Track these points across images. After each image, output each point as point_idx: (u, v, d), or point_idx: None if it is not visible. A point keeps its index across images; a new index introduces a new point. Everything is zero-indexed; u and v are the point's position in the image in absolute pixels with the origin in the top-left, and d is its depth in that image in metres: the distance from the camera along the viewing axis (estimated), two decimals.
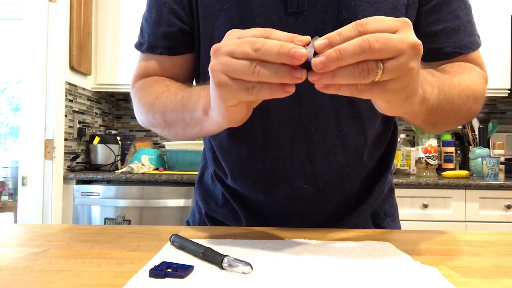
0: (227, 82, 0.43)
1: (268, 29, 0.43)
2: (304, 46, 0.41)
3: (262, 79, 0.41)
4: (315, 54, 0.40)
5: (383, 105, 0.47)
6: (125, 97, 2.79)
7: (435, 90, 0.52)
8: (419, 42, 0.42)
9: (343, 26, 0.60)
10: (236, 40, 0.43)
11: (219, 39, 0.67)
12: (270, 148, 0.66)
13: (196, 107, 0.55)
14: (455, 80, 0.58)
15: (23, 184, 2.07)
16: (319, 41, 0.40)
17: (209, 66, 0.45)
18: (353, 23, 0.41)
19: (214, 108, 0.49)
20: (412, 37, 0.41)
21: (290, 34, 0.42)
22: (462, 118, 0.63)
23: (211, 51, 0.45)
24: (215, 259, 0.43)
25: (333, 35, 0.40)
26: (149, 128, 0.71)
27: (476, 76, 0.65)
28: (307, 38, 0.42)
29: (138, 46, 0.75)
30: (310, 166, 0.66)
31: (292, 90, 0.42)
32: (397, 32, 0.41)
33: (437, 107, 0.53)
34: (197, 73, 0.75)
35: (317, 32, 0.63)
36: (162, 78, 0.72)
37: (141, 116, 0.70)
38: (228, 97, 0.45)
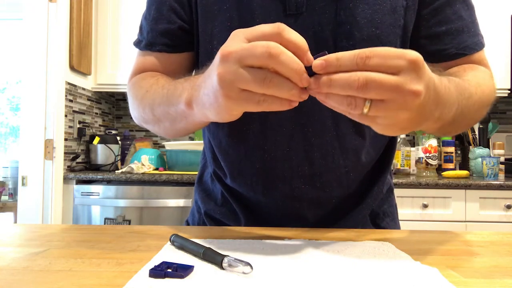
0: (236, 94, 0.42)
1: (279, 26, 0.41)
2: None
3: (272, 93, 0.41)
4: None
5: (379, 130, 0.46)
6: (125, 97, 2.78)
7: (453, 108, 0.51)
8: (420, 90, 0.40)
9: (341, 28, 0.60)
10: (246, 44, 0.41)
11: (217, 39, 0.67)
12: (269, 149, 0.67)
13: (180, 101, 0.54)
14: (473, 88, 0.57)
15: (23, 184, 2.07)
16: (317, 61, 0.41)
17: (218, 73, 0.42)
18: (357, 53, 0.40)
19: (210, 109, 0.47)
20: (413, 85, 0.39)
21: (303, 42, 0.41)
22: (473, 124, 0.64)
23: (220, 55, 0.42)
24: (215, 259, 0.43)
25: (332, 58, 0.40)
26: (141, 124, 0.71)
27: (489, 79, 0.64)
28: (312, 59, 0.42)
29: (137, 43, 0.75)
30: (308, 166, 0.66)
31: (296, 104, 0.43)
32: (399, 74, 0.39)
33: (451, 122, 0.53)
34: (195, 72, 0.74)
35: (315, 33, 0.63)
36: (154, 72, 0.71)
37: (134, 111, 0.70)
38: (236, 108, 0.44)
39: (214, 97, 0.45)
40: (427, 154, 2.23)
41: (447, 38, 0.67)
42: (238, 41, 0.42)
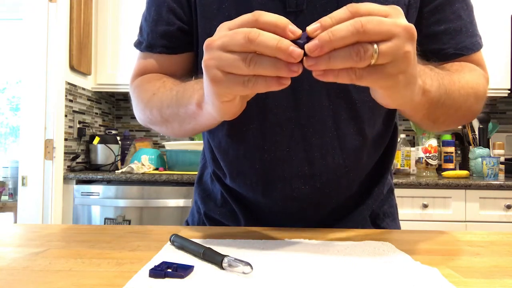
0: (221, 77, 0.42)
1: (256, 12, 0.41)
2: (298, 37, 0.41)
3: (258, 72, 0.41)
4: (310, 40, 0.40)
5: (383, 93, 0.45)
6: (125, 97, 2.79)
7: (435, 83, 0.52)
8: (412, 25, 0.41)
9: None
10: (228, 32, 0.42)
11: None
12: (268, 149, 0.66)
13: (190, 102, 0.55)
14: (455, 77, 0.58)
15: (23, 184, 2.07)
16: (312, 26, 0.40)
17: (202, 61, 0.44)
18: (345, 6, 0.40)
19: (209, 102, 0.49)
20: (404, 21, 0.41)
21: (281, 19, 0.41)
22: (462, 117, 0.63)
23: (204, 45, 0.44)
24: (215, 259, 0.43)
25: (325, 18, 0.40)
26: (147, 125, 0.71)
27: (477, 75, 0.65)
28: (299, 31, 0.41)
29: (137, 44, 0.75)
30: (308, 166, 0.66)
31: (288, 82, 0.41)
32: (388, 17, 0.40)
33: (437, 101, 0.53)
34: (195, 72, 0.74)
35: None
36: (158, 74, 0.72)
37: (139, 113, 0.70)
38: (223, 92, 0.44)
39: (206, 85, 0.46)
40: (427, 154, 2.23)
41: (446, 37, 0.67)
42: (222, 31, 0.43)
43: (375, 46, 0.39)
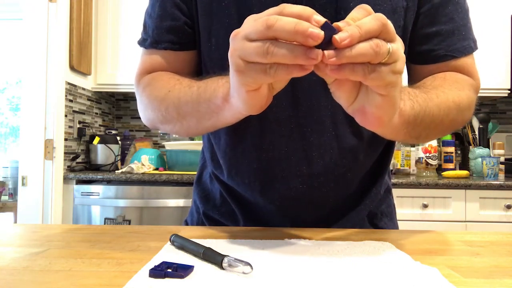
0: (243, 66, 0.43)
1: (281, 5, 0.41)
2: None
3: (276, 60, 0.40)
4: (327, 38, 0.39)
5: (378, 102, 0.45)
6: (125, 97, 2.79)
7: (408, 103, 0.53)
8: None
9: None
10: (252, 22, 0.42)
11: (216, 36, 0.67)
12: (266, 148, 0.66)
13: (215, 95, 0.54)
14: (432, 93, 0.59)
15: (23, 184, 2.07)
16: (340, 22, 0.41)
17: (229, 52, 0.44)
18: (357, 7, 0.42)
19: (235, 94, 0.48)
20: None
21: (306, 10, 0.41)
22: (447, 129, 0.64)
23: (230, 37, 0.44)
24: (215, 259, 0.43)
25: (348, 20, 0.41)
26: (156, 125, 0.69)
27: (461, 86, 0.64)
28: (323, 19, 0.40)
29: (142, 42, 0.73)
30: (306, 166, 0.66)
31: (310, 68, 0.41)
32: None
33: (414, 120, 0.54)
34: (199, 71, 0.74)
35: None
36: (170, 73, 0.70)
37: (151, 111, 0.68)
38: (247, 81, 0.44)
39: (231, 76, 0.46)
40: (427, 154, 2.23)
41: (437, 39, 0.67)
42: (248, 23, 0.43)
43: (390, 44, 0.41)
